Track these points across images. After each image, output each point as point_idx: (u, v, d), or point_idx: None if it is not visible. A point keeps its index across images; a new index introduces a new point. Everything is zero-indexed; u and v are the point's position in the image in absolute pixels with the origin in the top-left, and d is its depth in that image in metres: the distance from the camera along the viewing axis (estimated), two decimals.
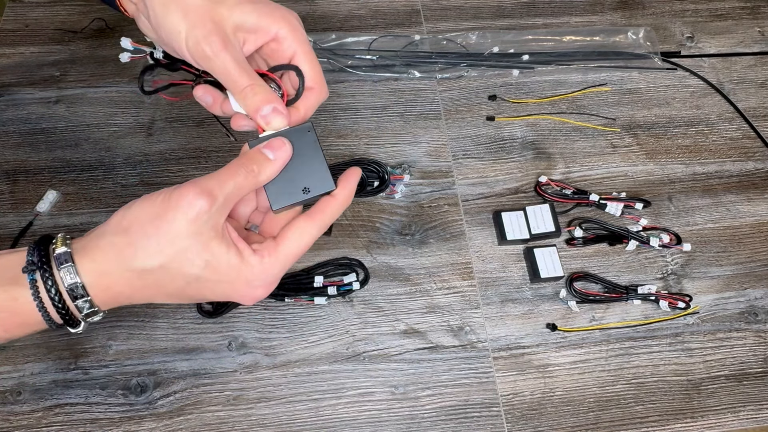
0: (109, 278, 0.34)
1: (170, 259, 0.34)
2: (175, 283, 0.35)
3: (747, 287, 0.61)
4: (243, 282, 0.36)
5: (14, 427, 0.52)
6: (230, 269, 0.35)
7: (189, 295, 0.36)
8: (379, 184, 0.63)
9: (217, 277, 0.35)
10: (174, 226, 0.33)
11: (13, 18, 0.74)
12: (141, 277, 0.34)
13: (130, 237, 0.34)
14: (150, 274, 0.34)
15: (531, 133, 0.69)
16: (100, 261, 0.34)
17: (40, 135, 0.66)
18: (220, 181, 0.34)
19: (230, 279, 0.35)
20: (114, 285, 0.34)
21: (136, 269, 0.34)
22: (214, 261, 0.34)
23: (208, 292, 0.36)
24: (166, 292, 0.35)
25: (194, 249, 0.34)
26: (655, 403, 0.56)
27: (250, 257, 0.36)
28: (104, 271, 0.34)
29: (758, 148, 0.70)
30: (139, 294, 0.35)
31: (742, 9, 0.81)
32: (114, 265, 0.34)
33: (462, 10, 0.79)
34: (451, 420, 0.54)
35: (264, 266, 0.36)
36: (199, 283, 0.35)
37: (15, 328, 0.34)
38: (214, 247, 0.34)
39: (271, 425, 0.53)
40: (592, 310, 0.60)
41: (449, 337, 0.57)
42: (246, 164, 0.36)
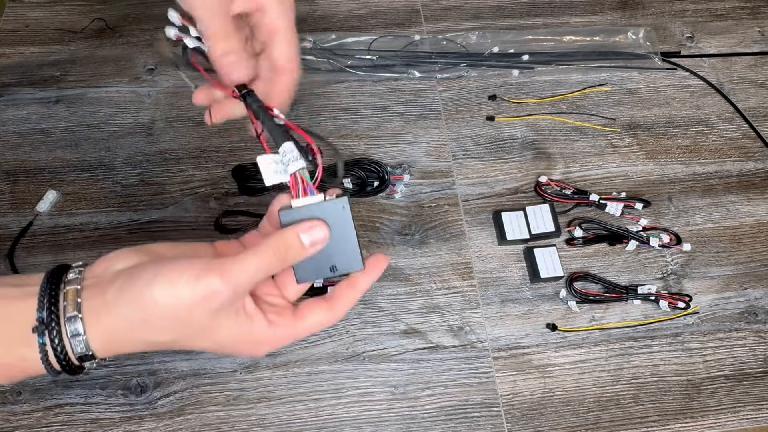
0: (117, 345, 0.34)
1: (183, 336, 0.34)
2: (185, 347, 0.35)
3: (747, 287, 0.62)
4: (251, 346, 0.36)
5: (14, 427, 0.52)
6: (240, 338, 0.35)
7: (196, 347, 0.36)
8: (379, 184, 0.63)
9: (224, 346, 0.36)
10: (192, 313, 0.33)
11: (13, 18, 0.74)
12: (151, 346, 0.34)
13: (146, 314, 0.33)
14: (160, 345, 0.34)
15: (531, 133, 0.69)
16: (111, 331, 0.33)
17: (40, 135, 0.66)
18: (246, 268, 0.33)
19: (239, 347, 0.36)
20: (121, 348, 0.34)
21: (148, 342, 0.34)
22: (226, 337, 0.35)
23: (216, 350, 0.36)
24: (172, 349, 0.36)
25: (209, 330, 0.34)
26: (655, 403, 0.56)
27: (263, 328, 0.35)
28: (114, 340, 0.34)
29: (758, 148, 0.70)
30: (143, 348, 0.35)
31: (742, 9, 0.81)
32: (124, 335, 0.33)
33: (462, 10, 0.79)
34: (451, 420, 0.54)
35: (275, 336, 0.36)
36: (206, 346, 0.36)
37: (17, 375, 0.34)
38: (228, 327, 0.34)
39: (271, 425, 0.53)
40: (592, 310, 0.60)
41: (449, 337, 0.57)
42: (277, 249, 0.34)
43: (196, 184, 0.64)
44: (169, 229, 0.61)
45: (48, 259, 0.59)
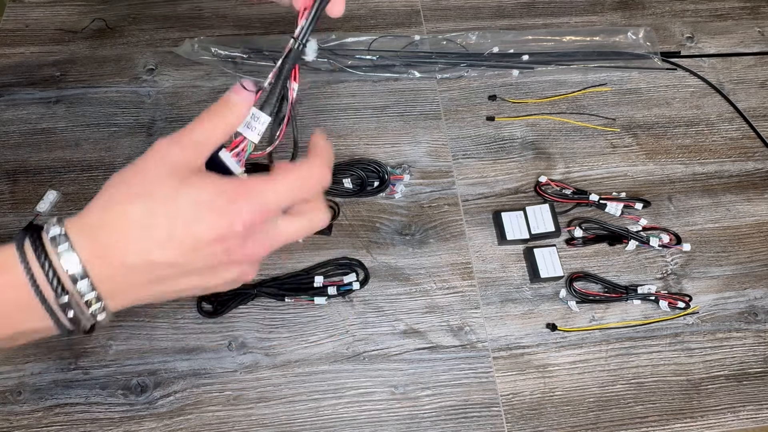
0: (94, 229, 0.33)
1: (151, 198, 0.33)
2: (161, 222, 0.33)
3: (747, 287, 0.62)
4: (224, 199, 0.34)
5: (14, 427, 0.52)
6: (209, 192, 0.34)
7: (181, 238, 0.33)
8: (379, 184, 0.63)
9: (198, 204, 0.34)
10: (152, 173, 0.34)
11: (13, 18, 0.74)
12: (126, 218, 0.33)
13: (111, 191, 0.34)
14: (133, 214, 0.33)
15: (531, 133, 0.69)
16: (83, 216, 0.34)
17: (41, 135, 0.66)
18: (190, 129, 0.36)
19: (210, 201, 0.34)
20: (99, 234, 0.33)
21: (120, 212, 0.33)
22: (193, 191, 0.34)
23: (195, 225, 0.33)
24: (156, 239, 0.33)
25: (172, 185, 0.34)
26: (654, 403, 0.56)
27: (230, 177, 0.35)
28: (87, 223, 0.33)
29: (758, 148, 0.70)
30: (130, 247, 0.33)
31: (742, 9, 0.81)
32: (96, 216, 0.34)
33: (462, 10, 0.79)
34: (451, 420, 0.54)
35: (247, 184, 0.35)
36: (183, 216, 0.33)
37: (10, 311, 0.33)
38: (191, 179, 0.34)
39: (271, 425, 0.53)
40: (592, 310, 0.60)
41: (449, 337, 0.57)
42: (214, 112, 0.36)
43: None
44: None
45: None
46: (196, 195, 0.34)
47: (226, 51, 0.71)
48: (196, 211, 0.34)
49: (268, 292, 0.57)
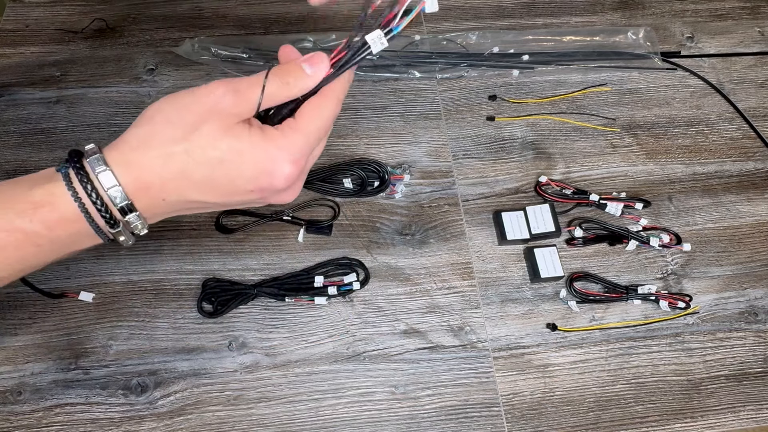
0: (136, 168, 0.35)
1: (194, 143, 0.34)
2: (201, 170, 0.35)
3: (747, 287, 0.62)
4: (269, 159, 0.36)
5: (15, 427, 0.52)
6: (253, 148, 0.35)
7: (220, 185, 0.36)
8: (380, 185, 0.63)
9: (242, 158, 0.35)
10: (198, 113, 0.35)
11: (13, 18, 0.74)
12: (167, 165, 0.35)
13: (154, 126, 0.35)
14: (174, 160, 0.35)
15: (531, 133, 0.69)
16: (126, 151, 0.35)
17: (41, 135, 0.66)
18: (251, 84, 0.35)
19: (255, 158, 0.35)
20: (142, 174, 0.35)
21: (161, 155, 0.34)
22: (237, 143, 0.35)
23: (236, 176, 0.36)
24: (194, 181, 0.35)
25: (216, 133, 0.34)
26: (655, 402, 0.56)
27: (272, 132, 0.36)
28: (131, 160, 0.35)
29: (758, 148, 0.70)
30: (169, 188, 0.35)
31: (742, 9, 0.81)
32: (139, 153, 0.35)
33: (462, 10, 0.79)
34: (452, 420, 0.54)
35: (288, 139, 0.36)
36: (224, 167, 0.35)
37: (57, 225, 0.35)
38: (236, 130, 0.35)
39: (271, 425, 0.53)
40: (592, 310, 0.60)
41: (449, 337, 0.57)
42: (282, 75, 0.36)
43: None
44: (169, 229, 0.61)
45: None
46: (239, 146, 0.35)
47: (227, 51, 0.71)
48: (238, 162, 0.35)
49: (269, 292, 0.57)
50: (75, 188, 0.34)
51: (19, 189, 0.35)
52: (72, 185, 0.34)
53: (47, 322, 0.56)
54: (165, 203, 0.36)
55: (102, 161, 0.34)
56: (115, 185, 0.34)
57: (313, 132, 0.37)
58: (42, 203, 0.34)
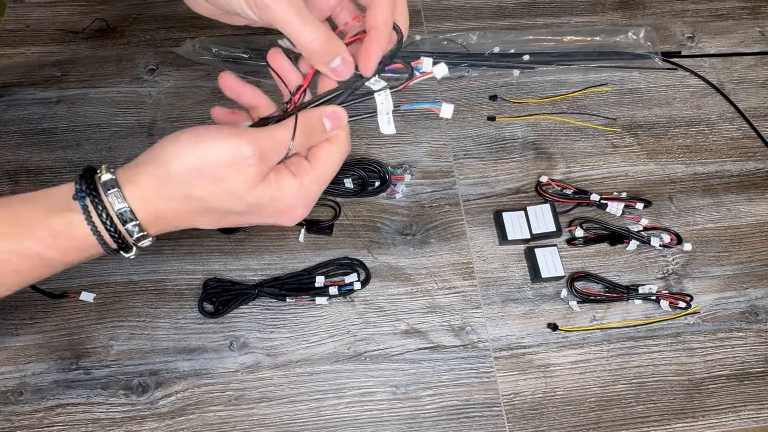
0: (153, 204, 0.36)
1: (214, 195, 0.36)
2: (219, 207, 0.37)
3: (748, 287, 0.62)
4: (286, 208, 0.39)
5: (16, 427, 0.52)
6: (272, 202, 0.38)
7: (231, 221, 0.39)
8: (380, 185, 0.63)
9: (260, 210, 0.38)
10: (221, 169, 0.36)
11: (14, 18, 0.74)
12: (186, 204, 0.37)
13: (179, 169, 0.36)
14: (196, 202, 0.36)
15: (532, 133, 0.69)
16: (143, 187, 0.36)
17: (42, 135, 0.66)
18: (276, 147, 0.37)
19: (273, 210, 0.38)
20: (159, 209, 0.37)
21: (181, 197, 0.36)
22: (255, 198, 0.37)
23: (253, 219, 0.39)
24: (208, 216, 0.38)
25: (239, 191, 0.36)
26: (656, 402, 0.56)
27: (289, 185, 0.38)
28: (148, 197, 0.36)
29: (759, 148, 0.70)
30: (182, 217, 0.38)
31: (743, 9, 0.81)
32: (155, 192, 0.36)
33: (463, 10, 0.79)
34: (453, 420, 0.54)
35: (305, 189, 0.38)
36: (241, 216, 0.38)
37: (73, 252, 0.37)
38: (258, 189, 0.37)
39: (272, 425, 0.53)
40: (593, 309, 0.60)
41: (450, 336, 0.57)
42: (307, 136, 0.39)
43: None
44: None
45: None
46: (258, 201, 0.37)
47: (227, 51, 0.71)
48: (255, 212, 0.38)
49: (270, 292, 0.57)
50: (94, 222, 0.36)
51: (35, 212, 0.36)
52: (91, 219, 0.36)
53: (48, 323, 0.56)
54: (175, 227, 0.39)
55: (121, 197, 0.35)
56: (134, 221, 0.36)
57: (326, 175, 0.40)
58: (60, 232, 0.35)
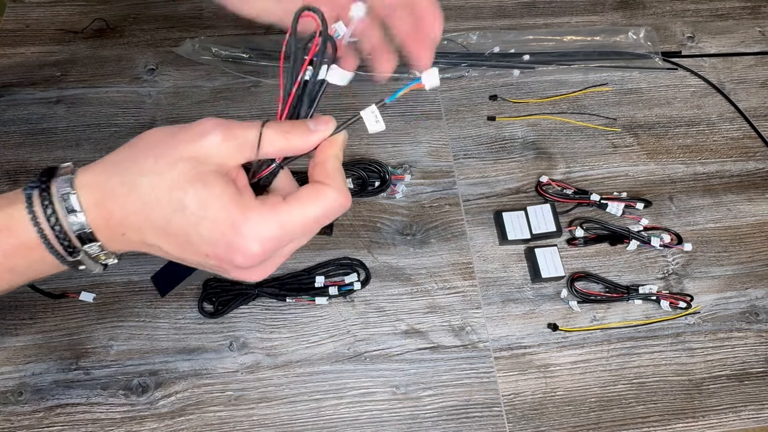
0: (102, 192, 0.32)
1: (162, 178, 0.31)
2: (162, 208, 0.32)
3: (748, 287, 0.62)
4: (229, 224, 0.31)
5: (16, 427, 0.52)
6: (220, 206, 0.31)
7: (174, 231, 0.32)
8: (380, 184, 0.63)
9: (204, 211, 0.31)
10: (179, 147, 0.32)
11: (13, 18, 0.74)
12: (131, 194, 0.32)
13: (136, 152, 0.33)
14: (139, 191, 0.32)
15: (532, 133, 0.69)
16: (99, 172, 0.33)
17: (41, 135, 0.66)
18: (246, 126, 0.32)
19: (217, 217, 0.31)
20: (106, 200, 0.32)
21: (128, 182, 0.32)
22: (205, 192, 0.31)
23: (192, 231, 0.32)
24: (153, 220, 0.32)
25: (189, 174, 0.31)
26: (656, 402, 0.56)
27: (249, 200, 0.32)
28: (100, 184, 0.32)
29: (759, 148, 0.70)
30: (129, 221, 0.32)
31: (743, 9, 0.81)
32: (110, 177, 0.32)
33: (463, 10, 0.79)
34: (453, 420, 0.54)
35: (263, 217, 0.32)
36: (184, 215, 0.31)
37: (13, 252, 0.32)
38: (210, 179, 0.31)
39: (272, 425, 0.53)
40: (593, 310, 0.60)
41: (450, 337, 0.57)
42: (281, 125, 0.33)
43: None
44: None
45: None
46: (206, 196, 0.31)
47: (227, 51, 0.71)
48: (199, 216, 0.31)
49: (269, 292, 0.57)
50: (35, 211, 0.32)
51: None
52: (32, 208, 0.32)
53: (48, 323, 0.56)
54: (125, 239, 0.33)
55: (69, 183, 0.32)
56: (77, 210, 0.32)
57: (297, 222, 0.33)
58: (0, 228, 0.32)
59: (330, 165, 0.35)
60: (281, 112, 0.35)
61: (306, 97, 0.35)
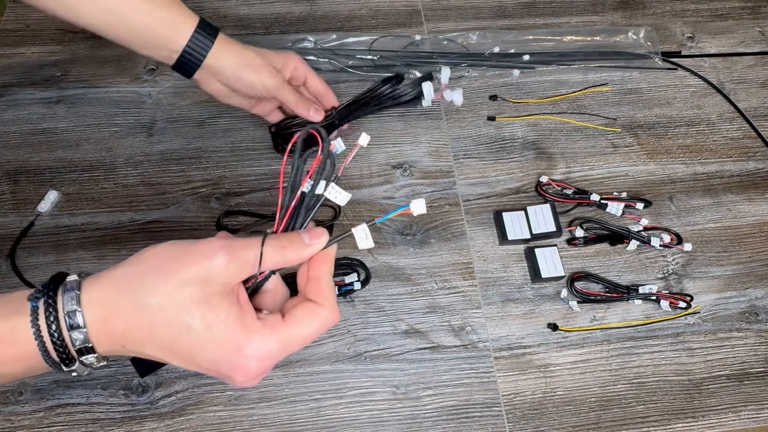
0: (108, 309, 0.33)
1: (171, 300, 0.33)
2: (169, 329, 0.33)
3: (748, 287, 0.62)
4: (234, 346, 0.34)
5: (16, 427, 0.52)
6: (225, 328, 0.33)
7: (178, 350, 0.34)
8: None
9: (210, 334, 0.33)
10: (187, 270, 0.33)
11: (14, 18, 0.74)
12: (137, 312, 0.33)
13: (144, 269, 0.34)
14: (147, 312, 0.33)
15: (532, 133, 0.69)
16: (105, 287, 0.34)
17: (41, 135, 0.66)
18: (246, 245, 0.35)
19: (222, 339, 0.33)
20: (111, 317, 0.33)
21: (136, 301, 0.33)
22: (211, 315, 0.33)
23: (197, 351, 0.34)
24: (157, 338, 0.34)
25: (197, 297, 0.33)
26: (656, 402, 0.56)
27: (251, 321, 0.34)
28: (106, 300, 0.33)
29: (759, 148, 0.70)
30: (131, 335, 0.34)
31: (743, 9, 0.81)
32: (117, 294, 0.34)
33: (462, 10, 0.79)
34: (453, 420, 0.54)
35: (264, 339, 0.34)
36: (190, 336, 0.33)
37: (12, 361, 0.33)
38: (216, 301, 0.34)
39: (272, 425, 0.53)
40: (593, 309, 0.60)
41: (450, 336, 0.57)
42: (278, 240, 0.36)
43: (198, 184, 0.64)
44: (170, 230, 0.61)
45: (49, 260, 0.59)
46: (212, 320, 0.33)
47: None
48: (205, 338, 0.33)
49: None
50: (39, 326, 0.33)
51: None
52: (37, 322, 0.33)
53: None
54: (123, 350, 0.35)
55: (76, 300, 0.33)
56: (81, 327, 0.33)
57: (294, 341, 0.35)
58: (2, 339, 0.33)
59: (324, 283, 0.37)
60: (278, 224, 0.38)
61: (303, 209, 0.38)
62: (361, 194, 0.64)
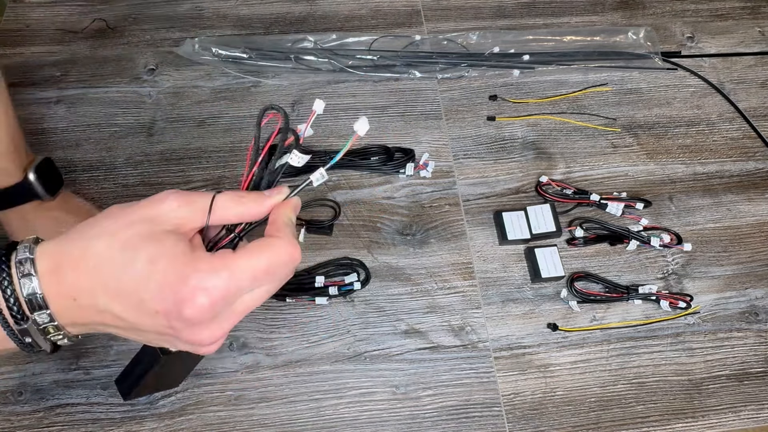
0: (59, 257, 0.32)
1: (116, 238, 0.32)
2: (113, 267, 0.32)
3: (748, 287, 0.62)
4: (178, 275, 0.31)
5: (15, 427, 0.52)
6: (169, 260, 0.31)
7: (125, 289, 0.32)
8: (405, 156, 0.64)
9: (154, 266, 0.31)
10: (137, 211, 0.33)
11: (13, 18, 0.74)
12: (85, 257, 0.32)
13: (97, 219, 0.33)
14: (94, 254, 0.32)
15: (532, 133, 0.69)
16: (60, 241, 0.33)
17: (41, 135, 0.66)
18: (201, 194, 0.34)
19: (166, 269, 0.31)
20: (62, 265, 0.32)
21: (84, 247, 0.32)
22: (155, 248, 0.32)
23: (142, 287, 0.31)
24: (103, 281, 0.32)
25: (143, 233, 0.32)
26: (656, 402, 0.56)
27: (199, 253, 0.33)
28: (58, 249, 0.33)
29: (759, 148, 0.70)
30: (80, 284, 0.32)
31: (743, 9, 0.81)
32: (69, 242, 0.33)
33: (462, 10, 0.79)
34: (452, 420, 0.54)
35: (212, 267, 0.32)
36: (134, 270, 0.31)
37: None
38: (162, 236, 0.32)
39: (272, 425, 0.53)
40: (593, 310, 0.60)
41: (450, 337, 0.57)
42: (237, 191, 0.35)
43: (198, 184, 0.64)
44: None
45: None
46: (157, 252, 0.32)
47: (227, 51, 0.71)
48: (149, 270, 0.31)
49: None
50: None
51: None
52: None
53: None
54: (76, 306, 0.32)
55: (29, 250, 0.32)
56: (32, 274, 0.31)
57: (245, 271, 0.33)
58: None
59: (281, 221, 0.35)
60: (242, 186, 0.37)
61: (267, 175, 0.37)
62: (361, 194, 0.64)
